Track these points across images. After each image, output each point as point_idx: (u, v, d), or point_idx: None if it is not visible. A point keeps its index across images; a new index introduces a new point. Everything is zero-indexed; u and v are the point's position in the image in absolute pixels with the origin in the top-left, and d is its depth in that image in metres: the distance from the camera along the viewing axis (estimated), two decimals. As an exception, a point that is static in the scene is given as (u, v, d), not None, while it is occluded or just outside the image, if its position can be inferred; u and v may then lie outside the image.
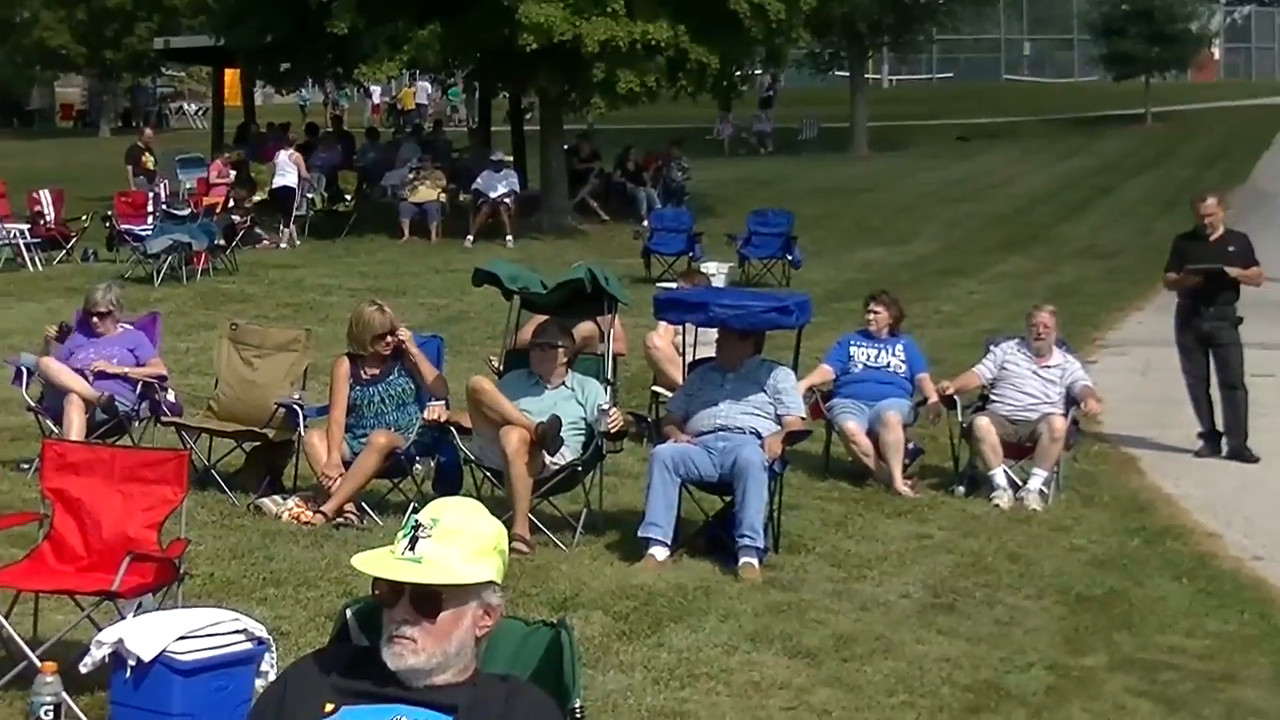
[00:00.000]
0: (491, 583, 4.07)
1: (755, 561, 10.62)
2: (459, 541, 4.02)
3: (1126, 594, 10.71)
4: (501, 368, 12.47)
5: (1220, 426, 15.50)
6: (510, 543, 10.40)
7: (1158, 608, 10.46)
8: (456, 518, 4.08)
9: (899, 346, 14.33)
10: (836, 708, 8.23)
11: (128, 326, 13.73)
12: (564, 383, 11.56)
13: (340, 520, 11.47)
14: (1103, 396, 14.20)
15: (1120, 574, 11.20)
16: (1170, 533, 12.46)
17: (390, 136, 45.74)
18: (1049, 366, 13.80)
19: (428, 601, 3.98)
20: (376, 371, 11.88)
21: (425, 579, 3.96)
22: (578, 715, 4.27)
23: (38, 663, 7.64)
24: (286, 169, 31.84)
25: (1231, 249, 15.53)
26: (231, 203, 29.83)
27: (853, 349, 14.31)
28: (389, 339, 11.90)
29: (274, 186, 31.98)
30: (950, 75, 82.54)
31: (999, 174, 47.08)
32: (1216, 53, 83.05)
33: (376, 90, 64.72)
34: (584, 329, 12.95)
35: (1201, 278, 15.35)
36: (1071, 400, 13.66)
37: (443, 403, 11.80)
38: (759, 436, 11.20)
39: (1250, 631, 10.08)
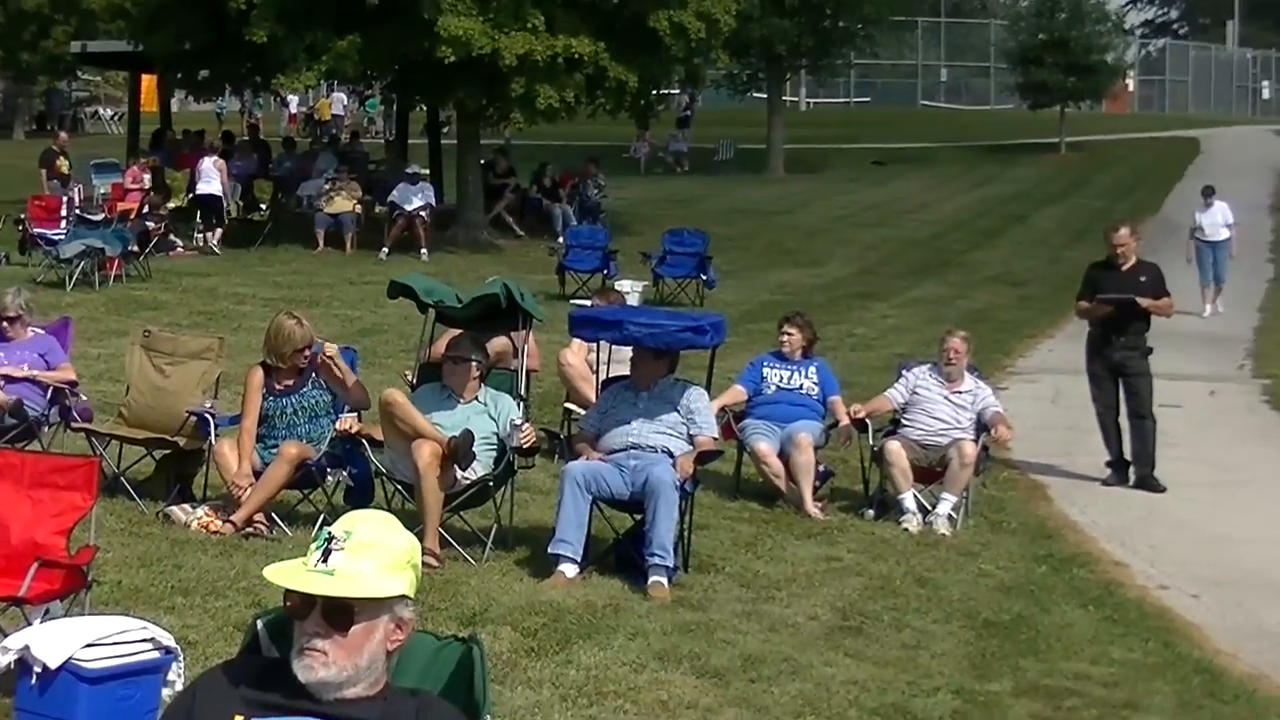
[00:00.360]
0: (404, 596, 4.06)
1: (665, 580, 10.63)
2: (372, 555, 4.00)
3: (1033, 620, 10.79)
4: (415, 381, 12.43)
5: (1128, 455, 15.63)
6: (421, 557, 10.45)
7: (1063, 635, 10.55)
8: (370, 531, 4.06)
9: (812, 369, 14.38)
10: (744, 728, 8.26)
11: (38, 331, 13.62)
12: (477, 397, 11.54)
13: (249, 530, 11.41)
14: (1013, 423, 14.29)
15: (1027, 600, 11.29)
16: (1077, 560, 12.58)
17: (307, 147, 45.52)
18: (960, 392, 13.88)
19: (340, 614, 3.96)
20: (291, 383, 11.84)
21: (338, 592, 3.94)
22: (487, 731, 4.26)
23: (-59, 668, 7.56)
24: (211, 176, 31.62)
25: (1143, 279, 15.68)
26: (146, 209, 29.59)
27: (766, 370, 14.35)
28: (307, 352, 11.87)
29: (199, 193, 31.73)
30: (867, 100, 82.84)
31: (914, 199, 47.33)
32: (1131, 84, 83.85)
33: (294, 100, 64.45)
34: (498, 344, 12.94)
35: (1113, 307, 15.48)
36: (982, 426, 13.74)
37: (355, 414, 11.77)
38: (671, 455, 11.22)
39: (1154, 660, 10.18)
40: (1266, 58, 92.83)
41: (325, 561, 3.97)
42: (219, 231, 31.04)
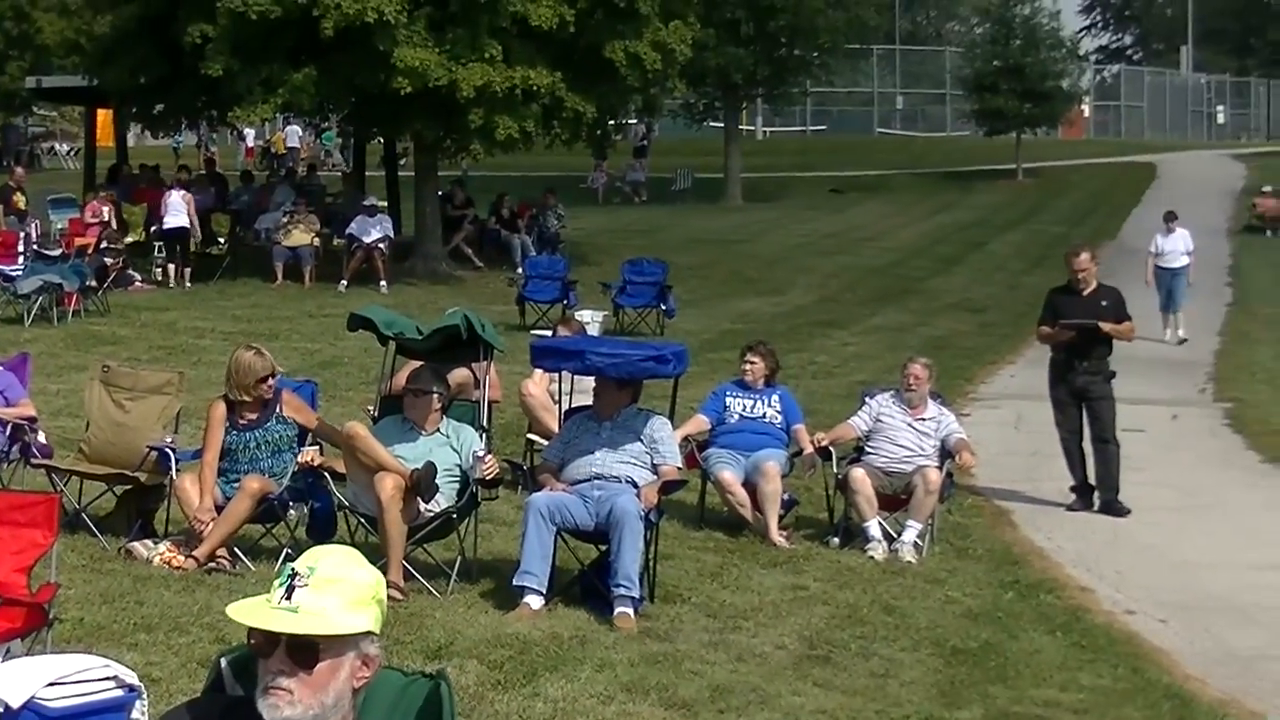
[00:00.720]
0: (369, 633, 3.98)
1: (631, 611, 10.56)
2: (337, 590, 3.92)
3: (1001, 647, 10.75)
4: (376, 413, 12.36)
5: (1092, 480, 15.62)
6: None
7: (1032, 661, 10.51)
8: (334, 566, 3.98)
9: (775, 397, 14.34)
10: (713, 759, 8.17)
11: (-4, 367, 13.52)
12: (439, 429, 11.47)
13: (212, 565, 11.31)
14: (976, 449, 14.25)
15: (995, 627, 11.25)
16: (1043, 586, 12.55)
17: (264, 180, 45.38)
18: (924, 419, 13.86)
19: (304, 652, 3.88)
20: (255, 416, 11.73)
21: (302, 629, 3.86)
22: (454, 767, 4.18)
23: (-101, 710, 7.45)
24: (179, 209, 31.38)
25: (1104, 303, 15.69)
26: (104, 244, 29.44)
27: (729, 399, 14.30)
28: (270, 381, 11.78)
29: (167, 227, 31.47)
30: (824, 128, 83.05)
31: (872, 227, 47.40)
32: (1086, 110, 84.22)
33: (250, 133, 64.30)
34: (459, 375, 12.88)
35: (1075, 333, 15.48)
36: (946, 453, 13.72)
37: (316, 447, 11.69)
38: (635, 485, 11.17)
39: (1123, 686, 10.16)
40: (1220, 83, 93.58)
41: (289, 598, 3.88)
42: (188, 271, 30.87)
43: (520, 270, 31.01)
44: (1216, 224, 44.77)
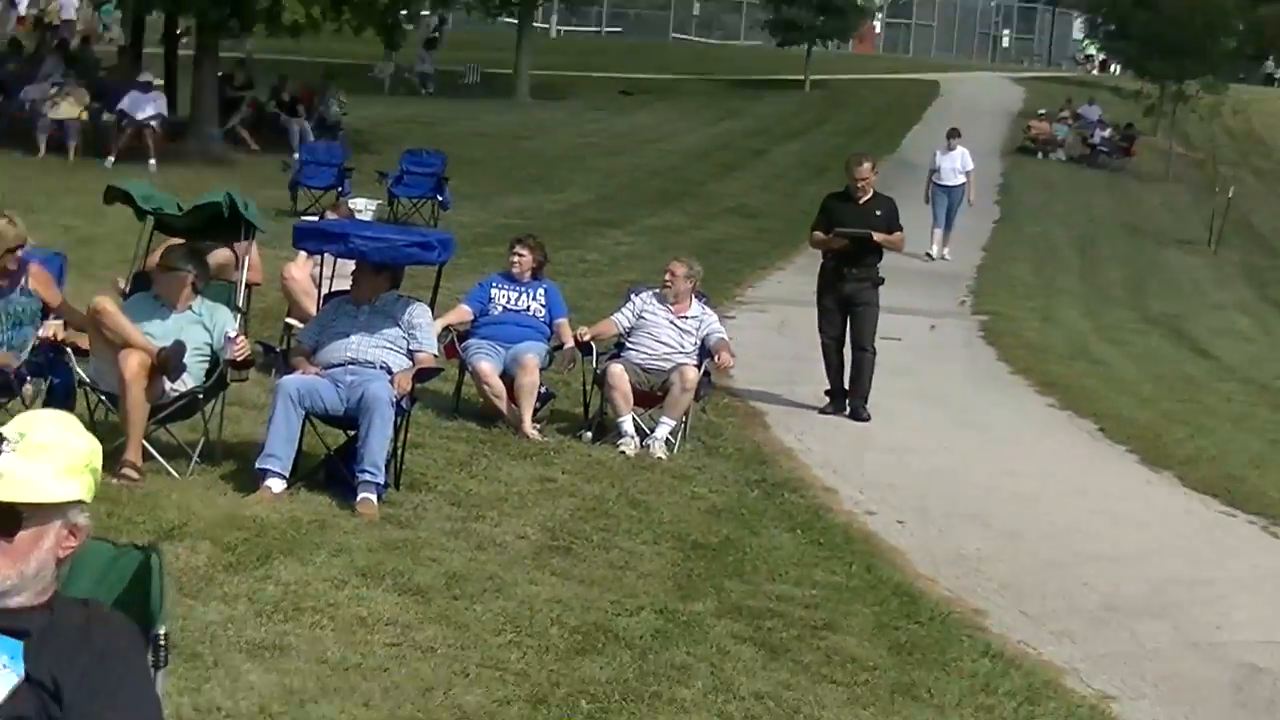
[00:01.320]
0: (79, 502, 3.91)
1: (374, 497, 10.51)
2: (46, 456, 3.85)
3: (741, 543, 10.90)
4: (128, 289, 12.15)
5: (846, 386, 15.86)
6: (121, 469, 10.20)
7: (770, 557, 10.66)
8: (46, 432, 3.91)
9: (540, 291, 14.32)
10: (442, 645, 8.15)
11: None
12: (191, 307, 11.27)
13: (-58, 439, 11.00)
14: (738, 351, 14.36)
15: (737, 523, 11.40)
16: (788, 485, 12.75)
17: (33, 49, 44.20)
18: (685, 317, 13.93)
19: (5, 519, 3.80)
20: (-2, 287, 11.46)
21: (3, 496, 3.78)
22: (161, 643, 4.13)
23: None
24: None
25: (879, 213, 15.92)
26: None
27: (494, 290, 14.26)
28: (19, 252, 11.51)
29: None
30: (619, 30, 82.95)
31: (658, 130, 47.51)
32: (878, 26, 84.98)
33: (23, 1, 62.61)
34: (220, 255, 12.71)
35: (849, 241, 15.67)
36: (705, 352, 13.81)
37: (60, 321, 11.44)
38: (389, 371, 11.10)
39: (855, 583, 10.34)
40: (1009, 7, 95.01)
41: (-6, 463, 3.81)
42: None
43: (296, 155, 30.65)
44: (991, 144, 45.53)
